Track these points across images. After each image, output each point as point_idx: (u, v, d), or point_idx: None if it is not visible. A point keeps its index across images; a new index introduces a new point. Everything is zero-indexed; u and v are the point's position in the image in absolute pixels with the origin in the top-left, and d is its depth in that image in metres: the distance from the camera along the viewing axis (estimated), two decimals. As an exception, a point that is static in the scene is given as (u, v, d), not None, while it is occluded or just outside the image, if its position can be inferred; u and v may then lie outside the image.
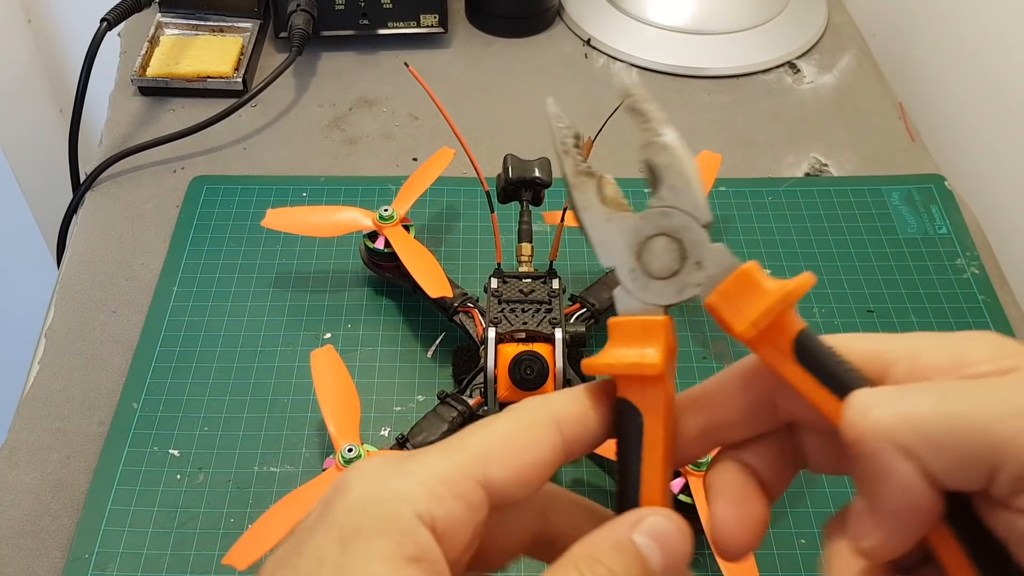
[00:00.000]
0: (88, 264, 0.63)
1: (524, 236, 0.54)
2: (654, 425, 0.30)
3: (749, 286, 0.29)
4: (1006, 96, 0.70)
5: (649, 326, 0.30)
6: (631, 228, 0.30)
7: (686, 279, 0.30)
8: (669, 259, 0.30)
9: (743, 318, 0.29)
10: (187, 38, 0.79)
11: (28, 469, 0.52)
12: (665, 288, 0.30)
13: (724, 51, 0.81)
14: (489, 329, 0.48)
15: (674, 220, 0.29)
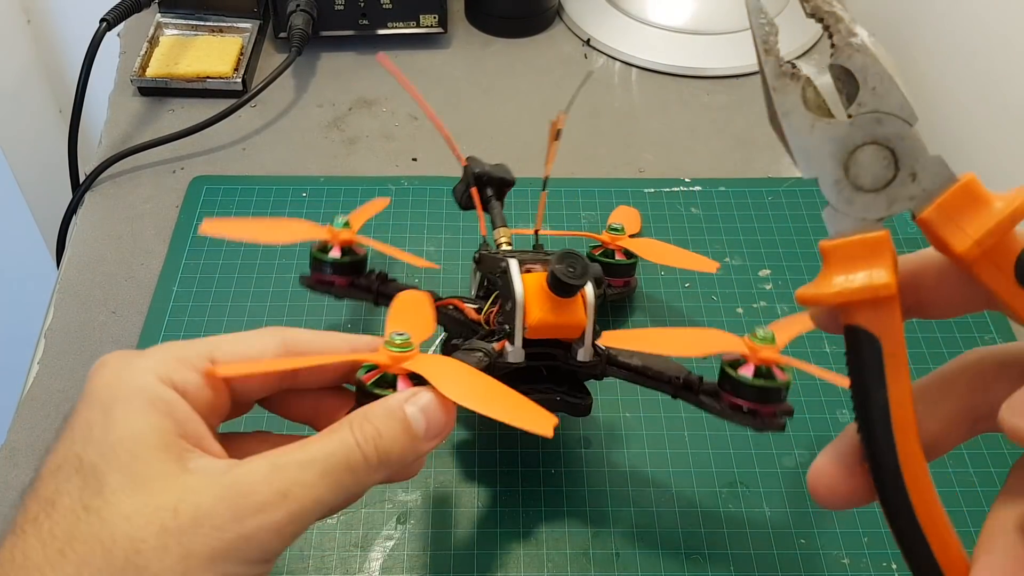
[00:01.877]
0: (88, 264, 0.63)
1: (500, 221, 0.52)
2: (894, 349, 0.27)
3: (971, 200, 0.27)
4: (1006, 96, 0.70)
5: (870, 244, 0.28)
6: (839, 137, 0.27)
7: (898, 191, 0.28)
8: (880, 169, 0.28)
9: (965, 236, 0.27)
10: (186, 38, 0.79)
11: (27, 470, 0.52)
12: (874, 201, 0.28)
13: (724, 51, 0.81)
14: (510, 260, 0.45)
15: (888, 127, 0.27)
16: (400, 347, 0.36)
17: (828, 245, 0.28)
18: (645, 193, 0.68)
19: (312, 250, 0.52)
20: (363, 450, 0.33)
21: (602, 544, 0.49)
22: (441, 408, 0.35)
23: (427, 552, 0.48)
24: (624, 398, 0.55)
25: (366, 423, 0.33)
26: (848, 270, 0.28)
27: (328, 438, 0.33)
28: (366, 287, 0.52)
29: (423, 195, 0.68)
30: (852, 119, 0.27)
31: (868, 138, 0.27)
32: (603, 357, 0.46)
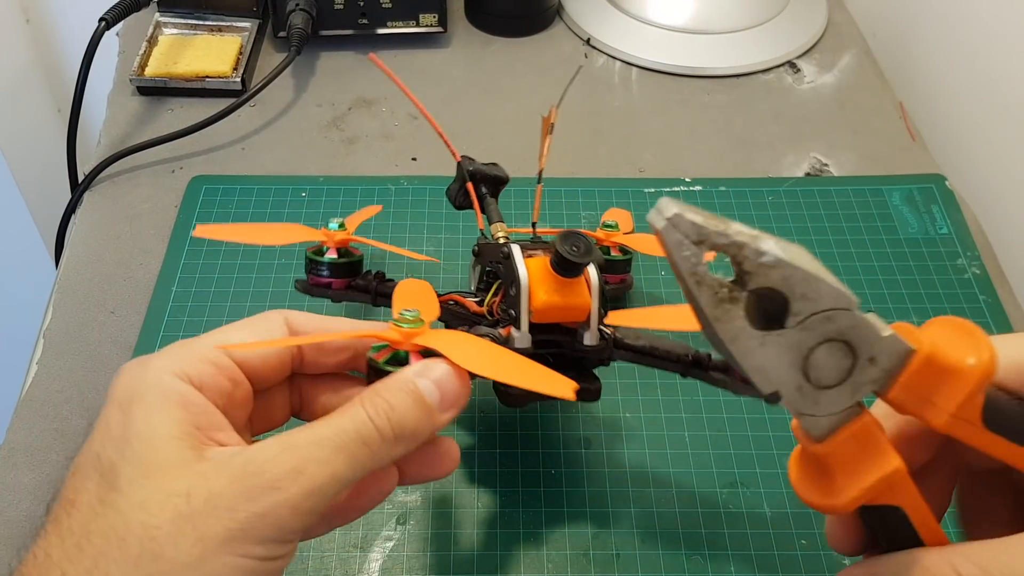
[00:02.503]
0: (86, 264, 0.63)
1: (496, 217, 0.52)
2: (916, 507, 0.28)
3: (934, 373, 0.27)
4: (1006, 96, 0.70)
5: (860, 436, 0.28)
6: (792, 344, 0.27)
7: (859, 379, 0.27)
8: (839, 363, 0.27)
9: (939, 411, 0.27)
10: (186, 38, 0.79)
11: (26, 470, 0.52)
12: (838, 394, 0.28)
13: (724, 51, 0.81)
14: (513, 245, 0.45)
15: (836, 322, 0.27)
16: (411, 323, 0.36)
17: (821, 450, 0.28)
18: (645, 193, 0.68)
19: (307, 253, 0.52)
20: (376, 423, 0.32)
21: (602, 545, 0.49)
22: (455, 378, 0.35)
23: (427, 553, 0.48)
24: (624, 398, 0.55)
25: (377, 397, 0.33)
26: (853, 471, 0.28)
27: (340, 415, 0.33)
28: (364, 288, 0.52)
29: (423, 195, 0.67)
30: (801, 325, 0.27)
31: (820, 338, 0.27)
32: (609, 341, 0.46)
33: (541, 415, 0.54)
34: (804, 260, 0.26)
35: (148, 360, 0.34)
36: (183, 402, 0.32)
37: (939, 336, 0.27)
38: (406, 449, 0.34)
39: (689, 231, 0.26)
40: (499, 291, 0.46)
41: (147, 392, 0.32)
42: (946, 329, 0.28)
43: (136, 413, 0.32)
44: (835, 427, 0.28)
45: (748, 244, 0.26)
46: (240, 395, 0.35)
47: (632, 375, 0.56)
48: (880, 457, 0.27)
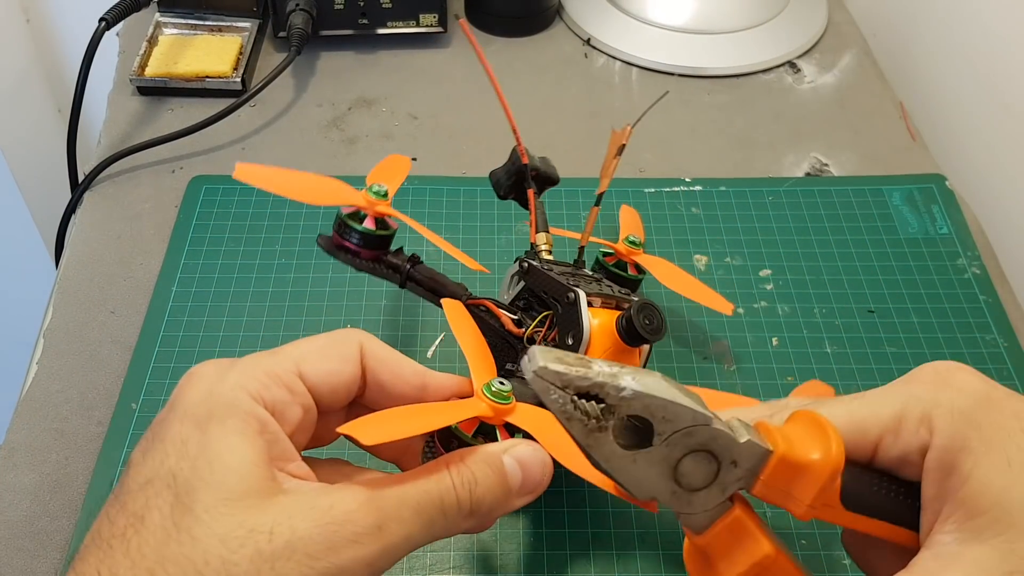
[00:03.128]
0: (86, 264, 0.63)
1: (543, 225, 0.51)
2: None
3: (789, 470, 0.30)
4: (1006, 96, 0.70)
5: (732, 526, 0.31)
6: (660, 459, 0.30)
7: (725, 479, 0.31)
8: (704, 468, 0.31)
9: (798, 503, 0.31)
10: (186, 38, 0.79)
11: (26, 470, 0.52)
12: (709, 494, 0.31)
13: (724, 51, 0.81)
14: (579, 291, 0.44)
15: (696, 437, 0.30)
16: (502, 397, 0.36)
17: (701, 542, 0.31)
18: (645, 193, 0.68)
19: (341, 213, 0.48)
20: (458, 494, 0.32)
21: (602, 545, 0.49)
22: (539, 463, 0.34)
23: (427, 552, 0.48)
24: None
25: (464, 467, 0.32)
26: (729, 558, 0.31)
27: (426, 476, 0.32)
28: (396, 267, 0.48)
29: (423, 195, 0.67)
30: (664, 441, 0.30)
31: (685, 450, 0.30)
32: None
33: (541, 415, 0.54)
34: (660, 389, 0.30)
35: (224, 372, 0.32)
36: (260, 429, 0.31)
37: (794, 433, 0.31)
38: (474, 526, 0.33)
39: (554, 380, 0.29)
40: (545, 322, 0.46)
41: (226, 413, 0.31)
42: (802, 426, 0.31)
43: (214, 433, 0.30)
44: (711, 521, 0.31)
45: (608, 383, 0.29)
46: (307, 421, 0.34)
47: (632, 375, 0.56)
48: (752, 545, 0.31)
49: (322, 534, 0.29)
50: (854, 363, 0.57)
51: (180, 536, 0.28)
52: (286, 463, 0.31)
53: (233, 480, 0.29)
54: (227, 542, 0.28)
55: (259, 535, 0.28)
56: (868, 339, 0.59)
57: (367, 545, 0.30)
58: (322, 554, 0.29)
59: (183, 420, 0.31)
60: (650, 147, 0.73)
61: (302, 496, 0.30)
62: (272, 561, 0.28)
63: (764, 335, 0.59)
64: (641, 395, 0.29)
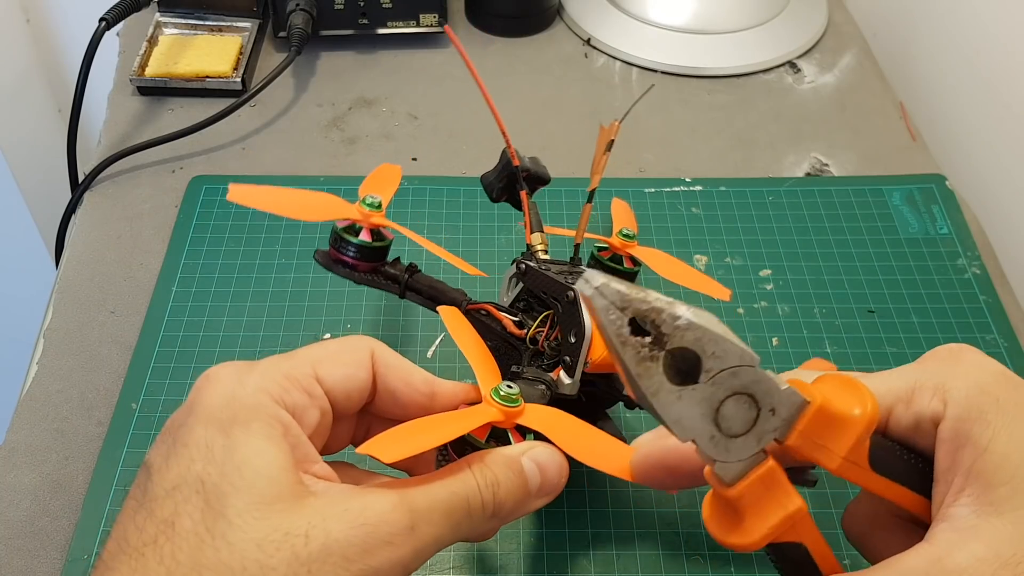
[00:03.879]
0: (87, 264, 0.63)
1: (537, 225, 0.51)
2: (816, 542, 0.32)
3: (826, 421, 0.30)
4: (1006, 96, 0.70)
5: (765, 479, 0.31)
6: (704, 398, 0.30)
7: (763, 428, 0.31)
8: (744, 413, 0.31)
9: (832, 455, 0.31)
10: (186, 38, 0.79)
11: (27, 470, 0.52)
12: (745, 442, 0.31)
13: (724, 51, 0.81)
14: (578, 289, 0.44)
15: (741, 378, 0.30)
16: (511, 400, 0.36)
17: (733, 493, 0.31)
18: (645, 193, 0.68)
19: (336, 228, 0.48)
20: (483, 495, 0.32)
21: (602, 545, 0.49)
22: (556, 464, 0.35)
23: (427, 553, 0.48)
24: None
25: (486, 469, 0.33)
26: (761, 511, 0.31)
27: (452, 478, 0.32)
28: (393, 276, 0.49)
29: (423, 195, 0.67)
30: (710, 380, 0.30)
31: (728, 391, 0.30)
32: None
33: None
34: (713, 323, 0.30)
35: (243, 375, 0.32)
36: (284, 432, 0.31)
37: (829, 390, 0.31)
38: (494, 528, 0.33)
39: (614, 298, 0.29)
40: (546, 322, 0.45)
41: (251, 417, 0.31)
42: (834, 384, 0.31)
43: (240, 438, 0.30)
44: (744, 472, 0.31)
45: (665, 309, 0.29)
46: (324, 426, 0.34)
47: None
48: (784, 498, 0.31)
49: (357, 536, 0.29)
50: (854, 363, 0.57)
51: (215, 542, 0.28)
52: (310, 465, 0.31)
53: (263, 484, 0.29)
54: (263, 546, 0.28)
55: (295, 538, 0.28)
56: (868, 339, 0.59)
57: (400, 547, 0.30)
58: (357, 556, 0.29)
59: (207, 424, 0.30)
60: (650, 147, 0.73)
61: (333, 498, 0.30)
62: (308, 564, 0.28)
63: (764, 335, 0.59)
64: (695, 326, 0.29)
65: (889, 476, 0.31)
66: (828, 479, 0.51)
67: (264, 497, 0.29)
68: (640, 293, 0.29)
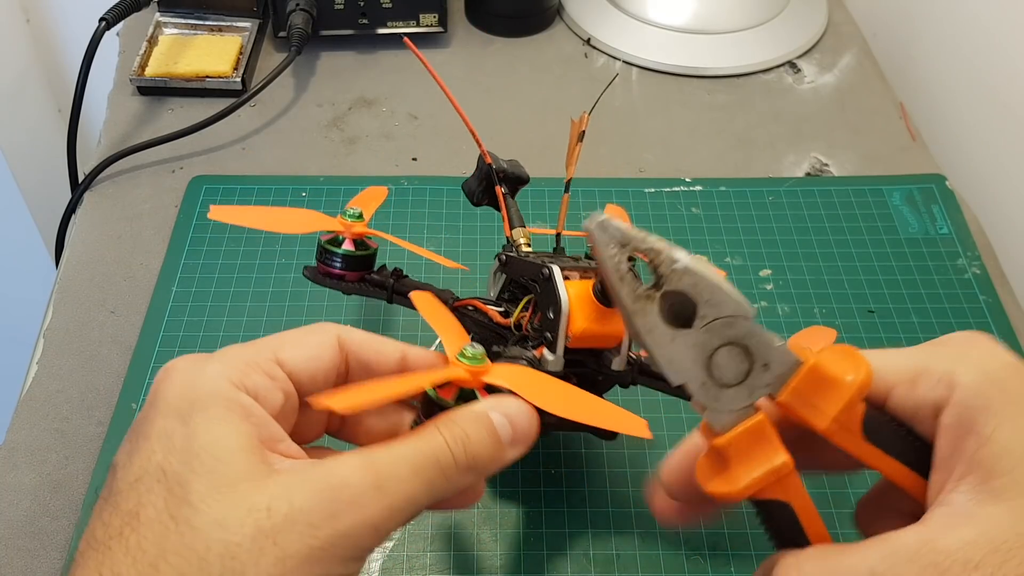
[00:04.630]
0: (86, 264, 0.63)
1: (518, 221, 0.51)
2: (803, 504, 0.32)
3: (819, 381, 0.31)
4: (1006, 96, 0.70)
5: (754, 432, 0.31)
6: (698, 343, 0.31)
7: (755, 381, 0.31)
8: (737, 365, 0.31)
9: (822, 415, 0.31)
10: (186, 38, 0.79)
11: (27, 470, 0.52)
12: (737, 393, 0.31)
13: (724, 51, 0.81)
14: (552, 266, 0.44)
15: (736, 328, 0.31)
16: (476, 360, 0.36)
17: (720, 442, 0.32)
18: (645, 193, 0.68)
19: (321, 241, 0.49)
20: (452, 450, 0.32)
21: (602, 545, 0.49)
22: (526, 414, 0.35)
23: (427, 552, 0.48)
24: (625, 399, 0.55)
25: (454, 425, 0.33)
26: (747, 461, 0.31)
27: (417, 437, 0.32)
28: (380, 283, 0.50)
29: (423, 195, 0.67)
30: (705, 327, 0.31)
31: (722, 340, 0.31)
32: (635, 366, 0.46)
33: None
34: (710, 272, 0.30)
35: (202, 364, 0.32)
36: (245, 413, 0.31)
37: (825, 355, 0.31)
38: (473, 481, 0.33)
39: (615, 234, 0.30)
40: (529, 306, 0.46)
41: (209, 403, 0.31)
42: (833, 352, 0.32)
43: (199, 424, 0.30)
44: (734, 422, 0.31)
45: (663, 251, 0.30)
46: (289, 408, 0.34)
47: (632, 375, 0.56)
48: (771, 452, 0.31)
49: (321, 502, 0.29)
50: (854, 363, 0.57)
51: (179, 527, 0.28)
52: (276, 444, 0.31)
53: (223, 467, 0.29)
54: (226, 525, 0.28)
55: (258, 513, 0.28)
56: (868, 339, 0.59)
57: (367, 507, 0.29)
58: (323, 521, 0.29)
59: (166, 415, 0.31)
60: (650, 147, 0.73)
61: (295, 471, 0.30)
62: (273, 536, 0.28)
63: (764, 335, 0.59)
64: (691, 271, 0.30)
65: (882, 447, 0.31)
66: (829, 480, 0.51)
67: (225, 479, 0.29)
68: (641, 233, 0.30)
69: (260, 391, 0.32)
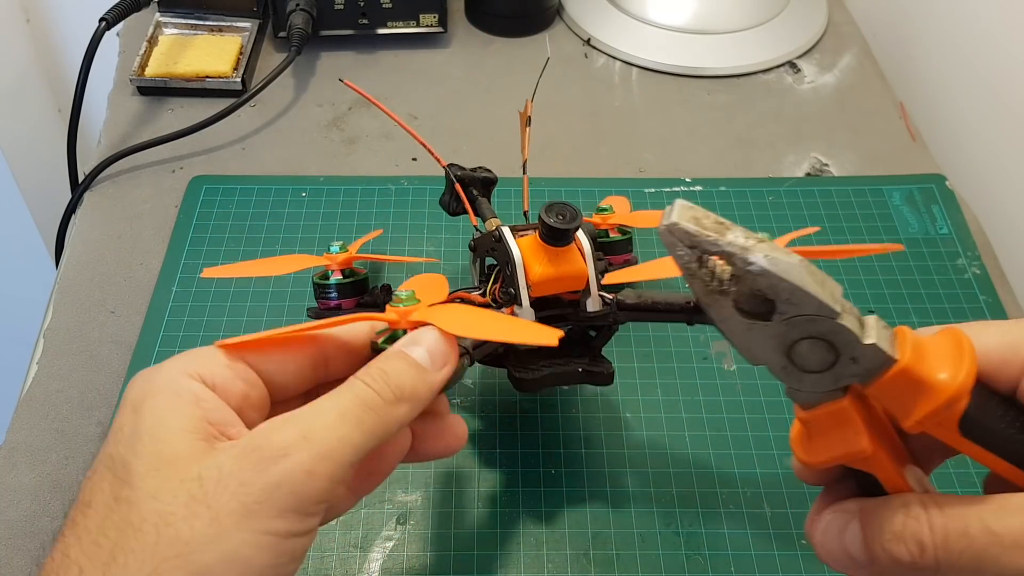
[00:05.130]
0: (86, 264, 0.63)
1: (489, 213, 0.53)
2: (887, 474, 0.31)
3: (909, 383, 0.29)
4: (1006, 96, 0.70)
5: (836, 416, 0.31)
6: (777, 334, 0.30)
7: (842, 371, 0.30)
8: (822, 355, 0.30)
9: (908, 417, 0.29)
10: (186, 38, 0.79)
11: (26, 470, 0.52)
12: (821, 379, 0.30)
13: (724, 51, 0.80)
14: (503, 228, 0.46)
15: (819, 325, 0.29)
16: (405, 302, 0.38)
17: (804, 417, 0.31)
18: (645, 193, 0.68)
19: (313, 279, 0.53)
20: (374, 387, 0.33)
21: (602, 545, 0.49)
22: (441, 339, 0.36)
23: (427, 552, 0.48)
24: (625, 399, 0.55)
25: (370, 367, 0.34)
26: (827, 439, 0.31)
27: (338, 388, 0.34)
28: (372, 303, 0.53)
29: (423, 195, 0.67)
30: (786, 320, 0.29)
31: (803, 334, 0.30)
32: (613, 305, 0.46)
33: (541, 415, 0.54)
34: (792, 272, 0.28)
35: (161, 364, 0.34)
36: (195, 399, 0.32)
37: (931, 347, 0.30)
38: (411, 410, 0.34)
39: (682, 238, 0.29)
40: (499, 278, 0.47)
41: (158, 392, 0.32)
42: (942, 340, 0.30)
43: (145, 412, 0.32)
44: (817, 402, 0.31)
45: (736, 254, 0.29)
46: (255, 397, 0.35)
47: (632, 375, 0.56)
48: (853, 436, 0.30)
49: (248, 460, 0.30)
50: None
51: (119, 505, 0.30)
52: (227, 428, 0.32)
53: (161, 446, 0.31)
54: (159, 496, 0.30)
55: (189, 482, 0.30)
56: (868, 339, 0.59)
57: (295, 455, 0.30)
58: (253, 477, 0.30)
59: (122, 411, 0.33)
60: (650, 147, 0.73)
61: (229, 445, 0.31)
62: (205, 501, 0.29)
63: (764, 335, 0.59)
64: (768, 274, 0.28)
65: (980, 443, 0.30)
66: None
67: (162, 457, 0.30)
68: (713, 234, 0.29)
69: (217, 380, 0.33)
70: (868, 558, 0.31)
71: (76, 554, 0.30)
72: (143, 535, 0.29)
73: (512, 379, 0.47)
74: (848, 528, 0.32)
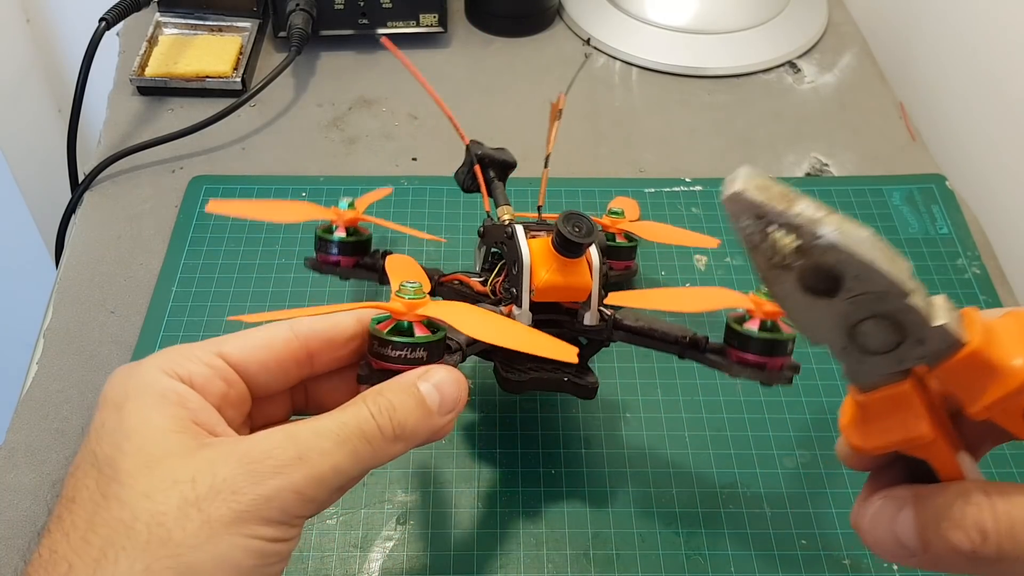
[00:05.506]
0: (86, 264, 0.63)
1: (503, 200, 0.52)
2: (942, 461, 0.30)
3: (979, 367, 0.28)
4: (1006, 96, 0.70)
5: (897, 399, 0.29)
6: (840, 313, 0.28)
7: (907, 352, 0.29)
8: (886, 336, 0.28)
9: (975, 403, 0.28)
10: (186, 38, 0.79)
11: (27, 470, 0.52)
12: (884, 360, 0.29)
13: (724, 51, 0.80)
14: (516, 226, 0.46)
15: (886, 304, 0.28)
16: (413, 294, 0.37)
17: (861, 399, 0.30)
18: (646, 193, 0.68)
19: (317, 230, 0.53)
20: (378, 421, 0.33)
21: (602, 545, 0.49)
22: (454, 382, 0.36)
23: (427, 552, 0.48)
24: (624, 399, 0.55)
25: (380, 396, 0.34)
26: (884, 423, 0.30)
27: (342, 410, 0.34)
28: (371, 266, 0.52)
29: (423, 195, 0.67)
30: (851, 299, 0.28)
31: (868, 313, 0.28)
32: (609, 321, 0.46)
33: (541, 415, 0.54)
34: (862, 247, 0.27)
35: (140, 362, 0.34)
36: (179, 400, 0.33)
37: (1002, 330, 0.28)
38: (405, 448, 0.34)
39: (748, 208, 0.27)
40: (503, 271, 0.47)
41: (142, 391, 0.33)
42: (1014, 322, 0.29)
43: (130, 411, 0.32)
44: (876, 385, 0.29)
45: (804, 226, 0.27)
46: (235, 395, 0.35)
47: (632, 375, 0.56)
48: (912, 421, 0.29)
49: (243, 472, 0.31)
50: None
51: (108, 502, 0.30)
52: (212, 427, 0.33)
53: (150, 446, 0.31)
54: (152, 496, 0.30)
55: (182, 484, 0.30)
56: (868, 339, 0.59)
57: (289, 474, 0.31)
58: (247, 488, 0.30)
59: (103, 408, 0.33)
60: (650, 147, 0.73)
61: (221, 446, 0.32)
62: (198, 504, 0.30)
63: (764, 335, 0.59)
64: (837, 248, 0.27)
65: None
66: (831, 484, 0.51)
67: (152, 456, 0.31)
68: (782, 204, 0.27)
69: (196, 379, 0.34)
70: (921, 545, 0.30)
71: (65, 550, 0.30)
72: (135, 533, 0.29)
73: (498, 376, 0.47)
74: (900, 515, 0.31)
